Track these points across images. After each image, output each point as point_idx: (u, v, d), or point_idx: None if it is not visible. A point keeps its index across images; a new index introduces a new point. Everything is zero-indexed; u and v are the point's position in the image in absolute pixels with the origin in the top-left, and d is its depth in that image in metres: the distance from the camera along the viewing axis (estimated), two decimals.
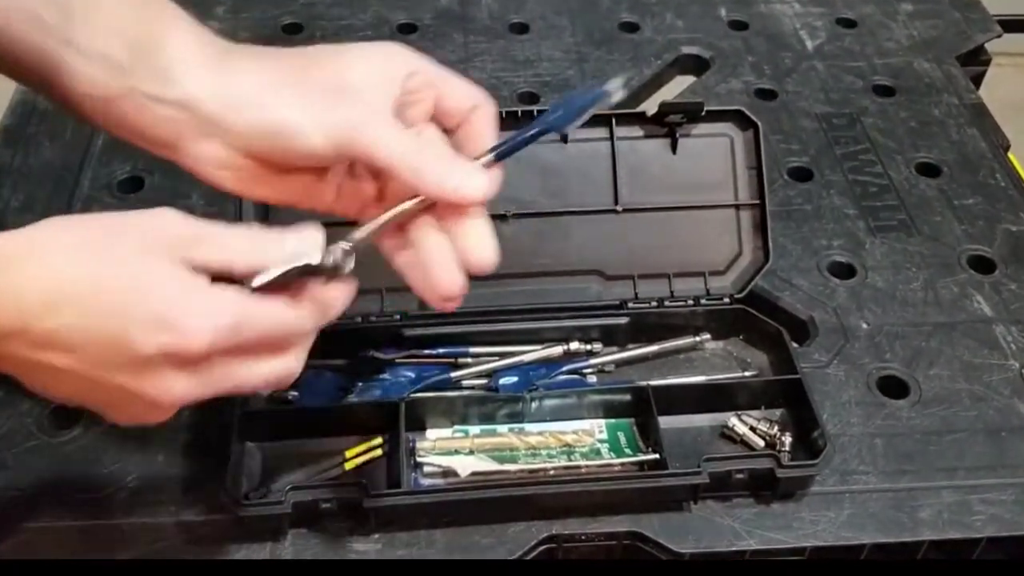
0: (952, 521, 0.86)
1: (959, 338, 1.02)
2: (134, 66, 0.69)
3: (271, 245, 0.64)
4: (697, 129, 1.01)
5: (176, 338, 0.59)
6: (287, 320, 0.64)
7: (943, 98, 1.32)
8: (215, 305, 0.61)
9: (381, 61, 0.70)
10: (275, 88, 0.68)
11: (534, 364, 0.98)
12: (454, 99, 0.71)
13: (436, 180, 0.67)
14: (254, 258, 0.63)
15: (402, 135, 0.67)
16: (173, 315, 0.59)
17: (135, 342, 0.59)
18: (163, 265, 0.60)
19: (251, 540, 0.83)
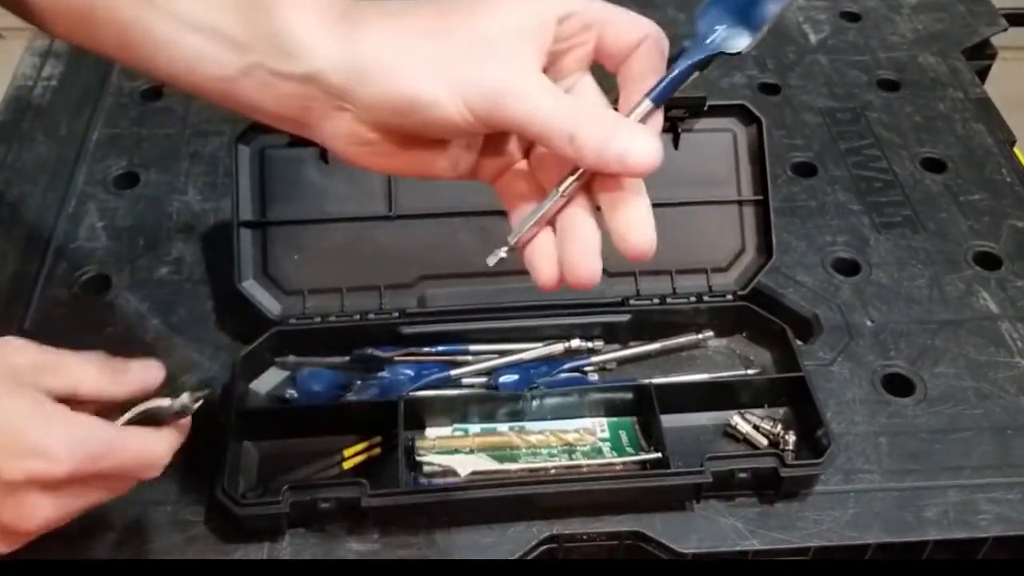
0: (958, 521, 0.86)
1: (965, 335, 1.01)
2: (251, 40, 0.59)
3: (119, 373, 0.69)
4: (699, 124, 1.01)
5: (44, 463, 0.62)
6: (143, 452, 0.68)
7: (948, 92, 1.32)
8: (79, 433, 0.64)
9: (528, 5, 0.59)
10: (406, 52, 0.58)
11: (535, 362, 0.97)
12: (619, 38, 0.61)
13: (596, 147, 0.57)
14: (104, 383, 0.68)
15: (555, 97, 0.58)
16: (39, 441, 0.62)
17: (3, 472, 0.61)
18: (25, 396, 0.63)
19: (248, 540, 0.83)
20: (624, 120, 0.59)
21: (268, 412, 0.92)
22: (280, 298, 0.97)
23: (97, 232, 1.08)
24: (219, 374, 0.94)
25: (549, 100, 0.57)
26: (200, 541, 0.83)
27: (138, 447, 0.67)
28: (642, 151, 0.57)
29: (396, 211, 0.97)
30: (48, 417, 0.63)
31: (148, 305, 1.01)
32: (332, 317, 0.96)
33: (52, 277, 1.03)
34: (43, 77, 1.26)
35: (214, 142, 1.19)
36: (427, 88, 0.57)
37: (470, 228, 0.99)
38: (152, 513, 0.84)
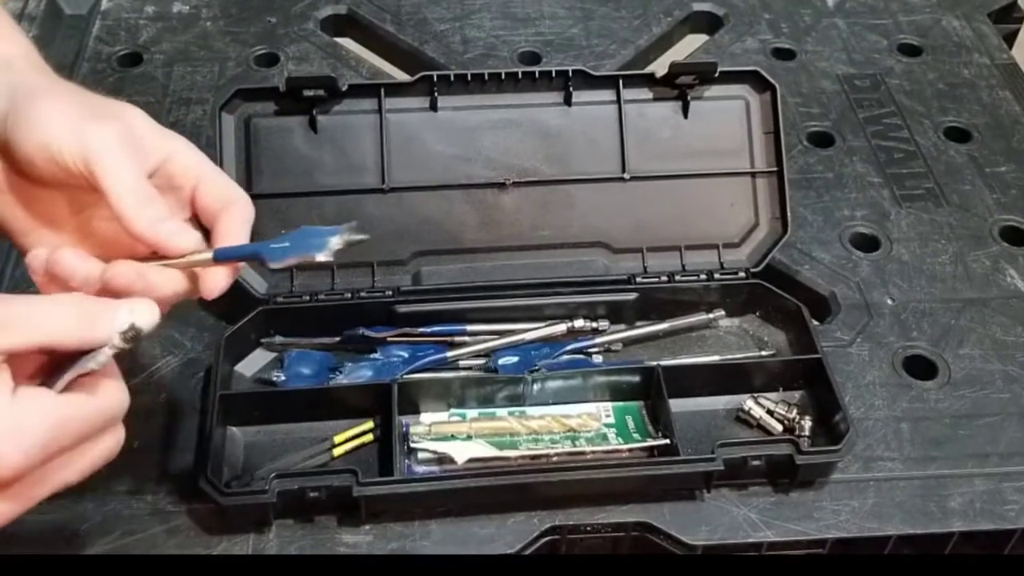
0: (984, 511, 0.85)
1: (991, 315, 1.01)
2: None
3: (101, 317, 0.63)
4: (710, 91, 1.00)
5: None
6: (94, 413, 0.63)
7: (973, 58, 1.30)
8: (22, 425, 0.59)
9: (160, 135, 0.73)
10: (60, 105, 0.71)
11: (536, 343, 0.96)
12: (210, 194, 0.74)
13: (147, 223, 0.69)
14: (81, 334, 0.62)
15: (136, 177, 0.69)
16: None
17: None
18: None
19: (233, 532, 0.82)
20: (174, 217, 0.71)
21: (254, 396, 0.91)
22: (266, 275, 0.96)
23: None
24: (202, 355, 0.93)
25: (133, 174, 0.69)
26: (182, 532, 0.82)
27: (89, 411, 0.63)
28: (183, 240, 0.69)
29: (389, 184, 0.96)
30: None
31: None
32: (321, 295, 0.95)
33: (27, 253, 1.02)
34: None
35: (196, 111, 1.18)
36: (57, 120, 0.69)
37: (467, 202, 0.98)
38: (131, 503, 0.84)
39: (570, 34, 1.31)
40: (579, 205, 0.99)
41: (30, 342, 0.61)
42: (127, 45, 1.27)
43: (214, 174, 0.74)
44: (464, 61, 1.26)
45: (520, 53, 1.28)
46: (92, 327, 0.62)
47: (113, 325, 0.63)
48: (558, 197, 0.99)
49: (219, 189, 0.74)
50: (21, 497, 0.61)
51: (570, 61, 1.25)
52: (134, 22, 1.30)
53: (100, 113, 0.71)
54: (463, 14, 1.33)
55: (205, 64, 1.24)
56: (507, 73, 0.97)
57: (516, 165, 0.97)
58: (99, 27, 1.29)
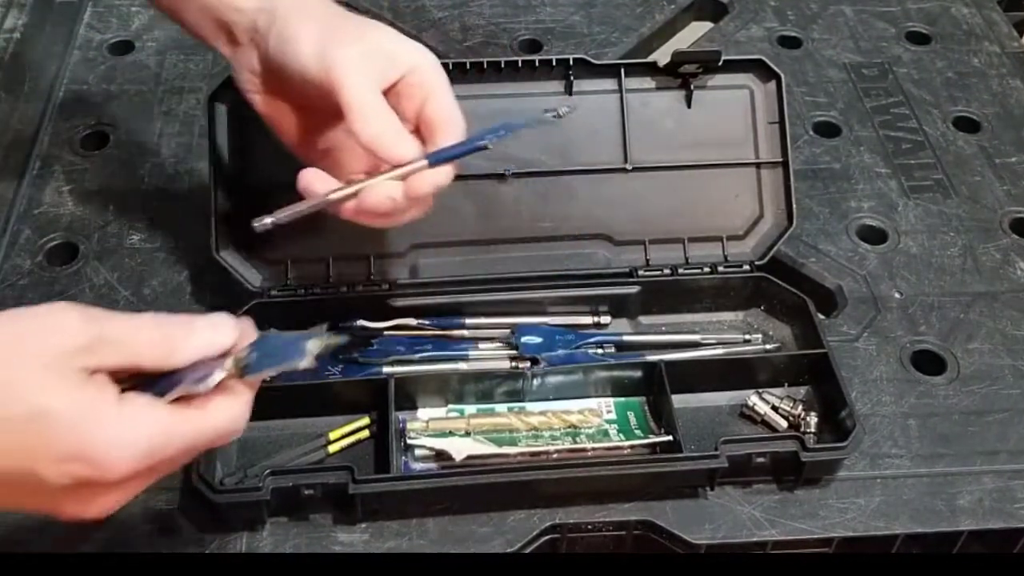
0: (994, 509, 0.85)
1: (1001, 309, 1.00)
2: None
3: (180, 340, 0.64)
4: (714, 80, 1.00)
5: (91, 470, 0.60)
6: (202, 432, 0.65)
7: (983, 46, 1.30)
8: (131, 432, 0.61)
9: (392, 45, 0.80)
10: (312, 18, 0.80)
11: (561, 328, 0.96)
12: (436, 111, 0.80)
13: (374, 133, 0.76)
14: (162, 355, 0.64)
15: (371, 91, 0.77)
16: (87, 448, 0.59)
17: (46, 478, 0.59)
18: (69, 389, 0.60)
19: (226, 530, 0.82)
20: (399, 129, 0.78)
21: None
22: (261, 268, 0.95)
23: (63, 197, 1.07)
24: None
25: (368, 90, 0.77)
26: (173, 531, 0.82)
27: (199, 427, 0.65)
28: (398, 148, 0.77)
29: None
30: (94, 415, 0.60)
31: (118, 275, 1.00)
32: (317, 288, 0.95)
33: (15, 245, 1.02)
34: (5, 29, 1.24)
35: (189, 100, 1.17)
36: (304, 35, 0.79)
37: (466, 193, 0.97)
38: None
39: (571, 21, 1.30)
40: (580, 196, 0.99)
41: (118, 364, 0.62)
42: (119, 33, 1.26)
43: (443, 94, 0.80)
44: (463, 49, 1.25)
45: (520, 41, 1.27)
46: (170, 353, 0.64)
47: (188, 345, 0.64)
48: (559, 188, 0.98)
49: (444, 109, 0.80)
50: (126, 492, 0.63)
51: (571, 49, 1.25)
52: (126, 9, 1.30)
53: (343, 36, 0.79)
54: (462, 1, 1.33)
55: (197, 52, 1.24)
56: (507, 62, 0.97)
57: (516, 155, 0.97)
58: (90, 14, 1.29)
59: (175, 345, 0.64)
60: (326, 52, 0.77)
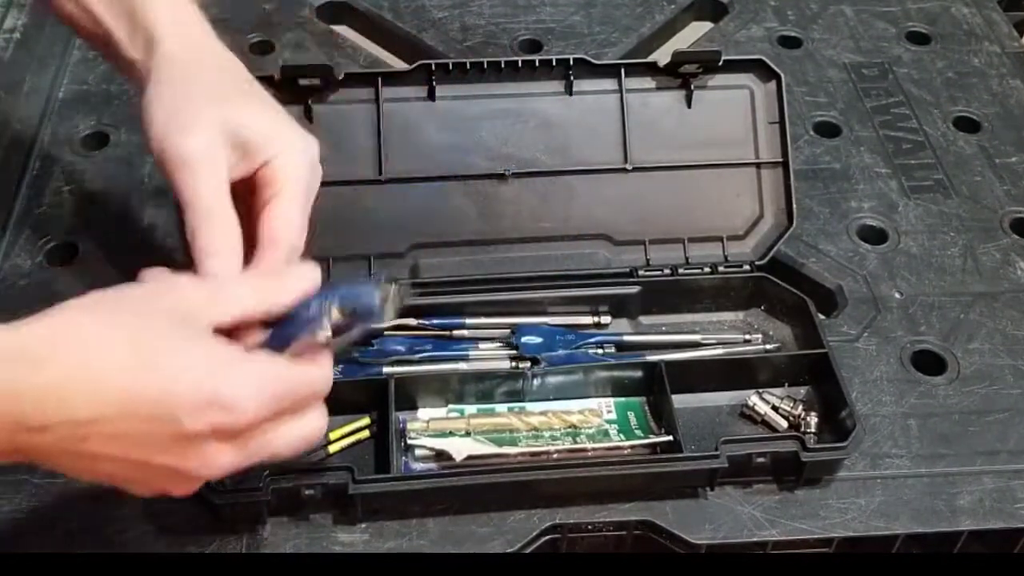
0: (994, 509, 0.85)
1: (1001, 309, 1.00)
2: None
3: (280, 283, 0.71)
4: (714, 80, 1.00)
5: (226, 415, 0.63)
6: (317, 381, 0.69)
7: (983, 46, 1.30)
8: (258, 377, 0.65)
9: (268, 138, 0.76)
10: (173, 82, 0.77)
11: (561, 328, 0.96)
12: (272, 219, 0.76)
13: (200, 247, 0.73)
14: (265, 305, 0.69)
15: (212, 196, 0.73)
16: (221, 392, 0.63)
17: (184, 423, 0.63)
18: (199, 342, 0.65)
19: (226, 531, 0.82)
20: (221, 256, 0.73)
21: None
22: None
23: (63, 197, 1.07)
24: None
25: (204, 198, 0.73)
26: (173, 532, 0.82)
27: (316, 378, 0.69)
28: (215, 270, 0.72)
29: (386, 175, 0.96)
30: (226, 364, 0.64)
31: (118, 276, 0.98)
32: None
33: (14, 245, 1.02)
34: (5, 29, 1.23)
35: None
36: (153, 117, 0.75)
37: (466, 193, 0.97)
38: (121, 501, 0.83)
39: (571, 21, 1.30)
40: (580, 196, 0.98)
41: (237, 316, 0.68)
42: None
43: (287, 200, 0.76)
44: (463, 49, 1.25)
45: (520, 41, 1.27)
46: (278, 295, 0.70)
47: (286, 291, 0.70)
48: (559, 188, 0.98)
49: (278, 219, 0.75)
50: (246, 450, 0.66)
51: (571, 49, 1.25)
52: None
53: (193, 118, 0.74)
54: (462, 1, 1.32)
55: None
56: (507, 62, 0.97)
57: (516, 155, 0.97)
58: None
59: (279, 288, 0.70)
60: (167, 137, 0.73)
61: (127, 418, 0.62)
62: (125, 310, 0.66)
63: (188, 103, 0.75)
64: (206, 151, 0.73)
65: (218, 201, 0.73)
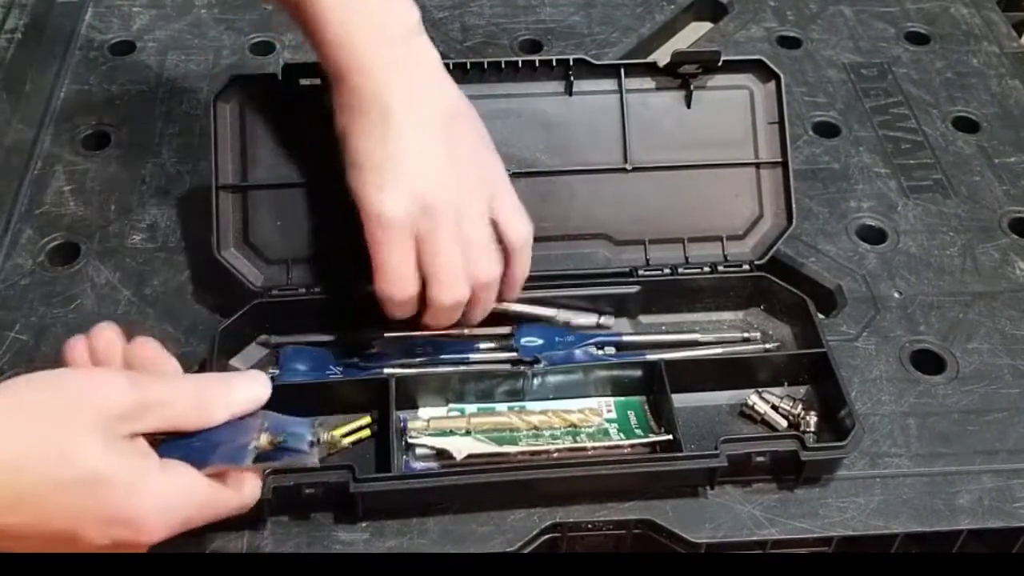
0: (993, 509, 0.85)
1: (1000, 308, 1.00)
2: None
3: (218, 400, 0.69)
4: (713, 81, 1.00)
5: (133, 534, 0.64)
6: (234, 507, 0.70)
7: (982, 46, 1.30)
8: (174, 502, 0.65)
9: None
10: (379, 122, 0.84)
11: (561, 328, 0.96)
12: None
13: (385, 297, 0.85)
14: (202, 418, 0.68)
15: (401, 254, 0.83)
16: (133, 514, 0.63)
17: (88, 538, 0.63)
18: (118, 455, 0.63)
19: (227, 529, 0.82)
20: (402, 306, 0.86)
21: None
22: (262, 268, 0.95)
23: (65, 197, 1.07)
24: (196, 349, 0.93)
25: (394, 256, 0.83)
26: None
27: (231, 503, 0.69)
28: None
29: None
30: (139, 482, 0.63)
31: (120, 275, 1.00)
32: (318, 288, 0.95)
33: (16, 245, 1.02)
34: (6, 30, 1.23)
35: (191, 100, 1.17)
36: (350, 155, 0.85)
37: None
38: None
39: (571, 22, 1.30)
40: (580, 196, 0.98)
41: (160, 428, 0.66)
42: (120, 33, 1.26)
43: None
44: (463, 49, 1.25)
45: (521, 41, 1.27)
46: (210, 414, 0.68)
47: (228, 404, 0.69)
48: (558, 188, 0.98)
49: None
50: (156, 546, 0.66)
51: (571, 49, 1.25)
52: (127, 9, 1.29)
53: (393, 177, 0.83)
54: (462, 1, 1.32)
55: (199, 52, 1.24)
56: (507, 62, 0.97)
57: (516, 155, 0.97)
58: (91, 14, 1.29)
59: (214, 406, 0.68)
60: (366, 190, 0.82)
61: (33, 528, 0.62)
62: (43, 408, 0.63)
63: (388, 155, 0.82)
64: (401, 209, 0.81)
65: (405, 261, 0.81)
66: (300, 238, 0.95)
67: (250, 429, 0.69)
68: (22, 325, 0.94)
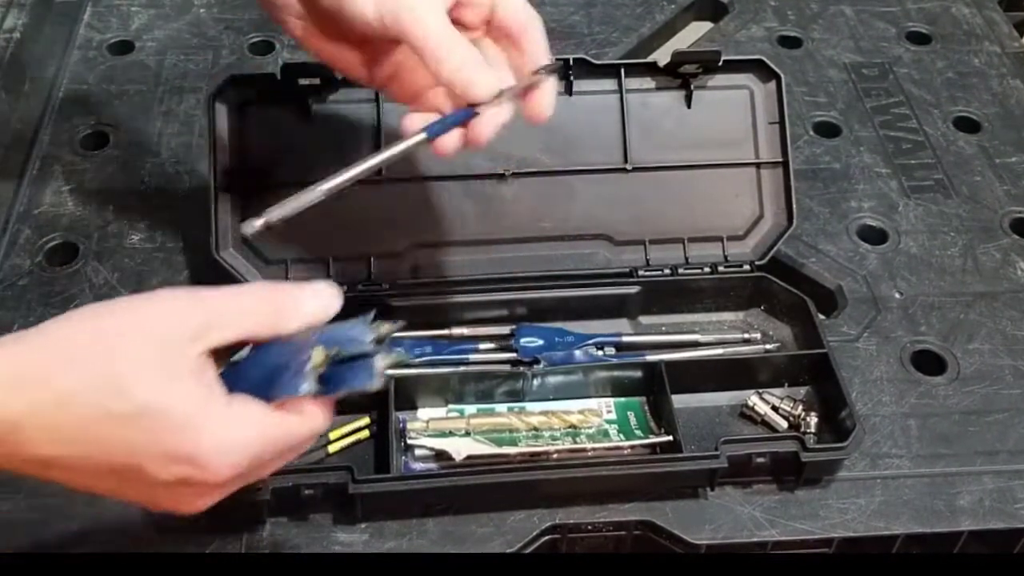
0: (994, 510, 0.85)
1: (1001, 309, 1.00)
2: None
3: (289, 311, 0.65)
4: (714, 81, 1.00)
5: (197, 472, 0.60)
6: (301, 437, 0.65)
7: (984, 46, 1.30)
8: (239, 438, 0.61)
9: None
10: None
11: (561, 329, 0.96)
12: (507, 13, 0.77)
13: (450, 71, 0.73)
14: (272, 328, 0.64)
15: (442, 25, 0.73)
16: (196, 451, 0.59)
17: (151, 473, 0.60)
18: (180, 386, 0.60)
19: (226, 531, 0.82)
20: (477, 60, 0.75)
21: None
22: (261, 268, 0.95)
23: (63, 197, 1.07)
24: None
25: (435, 23, 0.73)
26: (173, 531, 0.81)
27: (302, 432, 0.65)
28: (485, 83, 0.74)
29: (386, 173, 0.95)
30: (198, 416, 0.60)
31: (118, 276, 0.99)
32: None
33: (14, 245, 1.02)
34: (5, 29, 1.23)
35: (189, 100, 1.17)
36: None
37: (466, 193, 0.97)
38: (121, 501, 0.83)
39: (571, 21, 1.30)
40: (580, 196, 0.98)
41: (228, 343, 0.63)
42: (118, 33, 1.26)
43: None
44: None
45: None
46: (280, 325, 0.64)
47: (300, 314, 0.64)
48: (559, 188, 0.98)
49: (517, 12, 0.78)
50: (222, 493, 0.64)
51: (571, 49, 1.24)
52: (126, 9, 1.29)
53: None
54: None
55: (198, 52, 1.24)
56: None
57: (516, 155, 0.97)
58: (90, 14, 1.29)
59: (285, 315, 0.64)
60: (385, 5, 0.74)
61: (90, 461, 0.60)
62: (107, 333, 0.60)
63: None
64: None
65: (453, 29, 0.74)
66: (298, 238, 0.95)
67: (301, 348, 0.64)
68: (20, 325, 0.94)
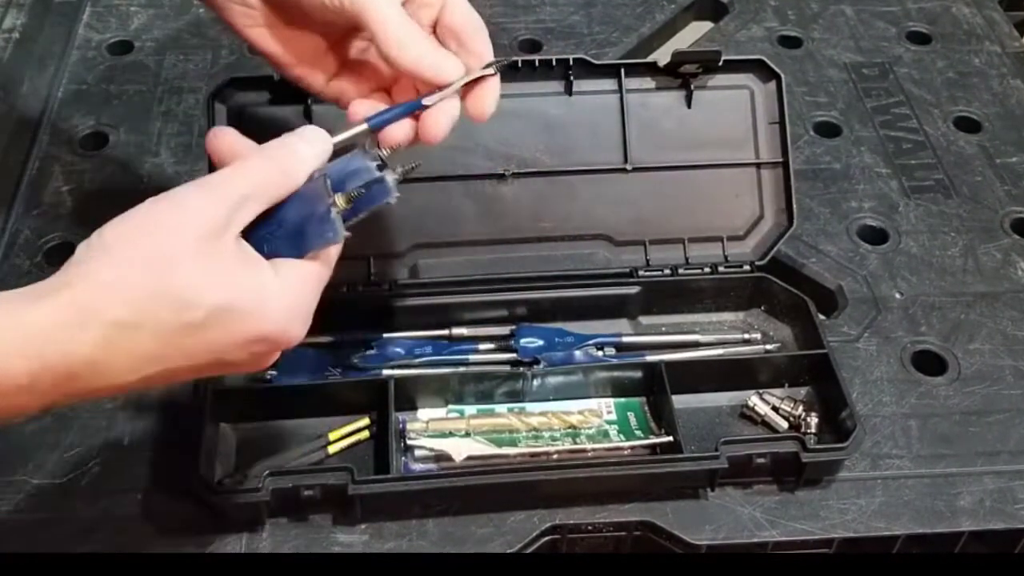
0: (994, 510, 0.85)
1: (1002, 309, 1.00)
2: None
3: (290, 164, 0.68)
4: (714, 81, 0.99)
5: (272, 344, 0.66)
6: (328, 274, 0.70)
7: (984, 46, 1.30)
8: (297, 302, 0.66)
9: None
10: None
11: (561, 329, 0.96)
12: (456, 15, 0.77)
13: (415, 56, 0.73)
14: (286, 186, 0.67)
15: (400, 12, 0.73)
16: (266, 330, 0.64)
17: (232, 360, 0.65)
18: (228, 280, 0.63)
19: (225, 531, 0.82)
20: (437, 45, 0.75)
21: (247, 392, 0.90)
22: None
23: (63, 197, 1.07)
24: None
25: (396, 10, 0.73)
26: (173, 531, 0.82)
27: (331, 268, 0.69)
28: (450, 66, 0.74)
29: None
30: (261, 297, 0.64)
31: None
32: None
33: (14, 246, 1.02)
34: (4, 29, 1.23)
35: (189, 100, 1.17)
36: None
37: (466, 193, 0.97)
38: (122, 501, 0.83)
39: (571, 21, 1.30)
40: (580, 197, 0.98)
41: (256, 213, 0.66)
42: (118, 33, 1.26)
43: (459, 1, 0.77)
44: None
45: (520, 41, 1.27)
46: (291, 180, 0.67)
47: (302, 161, 0.68)
48: (559, 188, 0.98)
49: (464, 15, 0.77)
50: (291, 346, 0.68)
51: (571, 49, 1.24)
52: (125, 9, 1.30)
53: None
54: None
55: (198, 52, 1.24)
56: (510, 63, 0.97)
57: (516, 156, 0.97)
58: (89, 14, 1.29)
59: (290, 169, 0.67)
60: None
61: (174, 368, 0.62)
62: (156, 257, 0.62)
63: None
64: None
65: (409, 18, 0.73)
66: None
67: (319, 196, 0.67)
68: None
